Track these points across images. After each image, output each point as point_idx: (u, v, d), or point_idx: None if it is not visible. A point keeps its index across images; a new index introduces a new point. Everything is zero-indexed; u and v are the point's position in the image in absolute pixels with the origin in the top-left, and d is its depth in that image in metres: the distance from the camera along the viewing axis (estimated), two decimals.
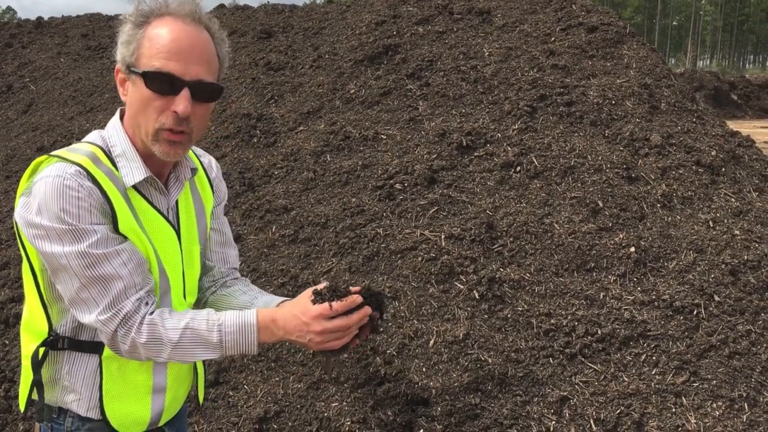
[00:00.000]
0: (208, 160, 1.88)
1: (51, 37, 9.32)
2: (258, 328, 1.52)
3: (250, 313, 1.54)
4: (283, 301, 1.69)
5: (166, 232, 1.63)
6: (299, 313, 1.49)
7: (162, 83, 1.48)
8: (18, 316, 3.95)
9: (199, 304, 1.86)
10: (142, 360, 1.57)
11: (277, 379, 3.26)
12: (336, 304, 1.49)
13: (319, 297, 1.51)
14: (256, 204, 4.36)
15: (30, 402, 1.67)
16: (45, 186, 1.43)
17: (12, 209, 5.22)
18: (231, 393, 3.24)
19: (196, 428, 3.13)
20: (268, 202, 4.32)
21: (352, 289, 1.56)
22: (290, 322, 1.50)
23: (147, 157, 1.58)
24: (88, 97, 7.17)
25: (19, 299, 4.07)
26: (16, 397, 3.43)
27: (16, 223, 1.51)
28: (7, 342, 3.82)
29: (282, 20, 7.01)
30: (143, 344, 1.50)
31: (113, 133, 1.59)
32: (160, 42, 1.48)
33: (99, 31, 8.96)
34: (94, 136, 1.61)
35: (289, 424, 3.03)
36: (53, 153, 1.53)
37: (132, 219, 1.53)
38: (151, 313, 1.51)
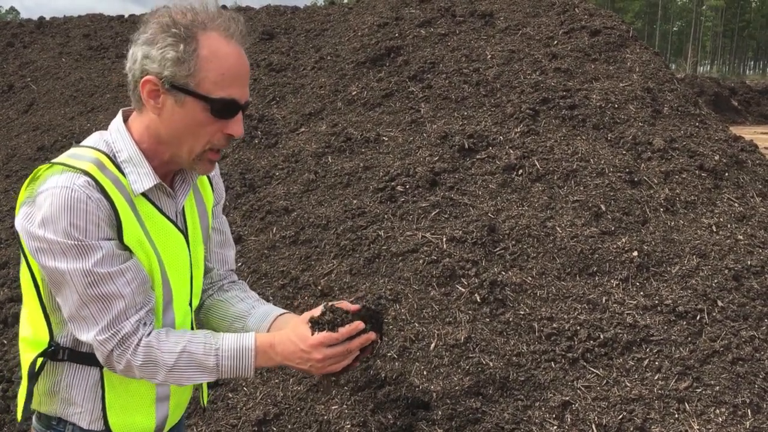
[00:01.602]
0: None
1: (53, 37, 9.31)
2: (255, 353, 1.50)
3: (248, 336, 1.51)
4: (281, 314, 1.65)
5: (175, 237, 1.59)
6: (298, 341, 1.46)
7: (228, 111, 1.47)
8: (16, 316, 3.93)
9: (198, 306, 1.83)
10: (137, 378, 1.53)
11: (276, 381, 3.24)
12: (338, 333, 1.45)
13: (317, 326, 1.46)
14: (256, 205, 4.34)
15: (26, 411, 1.63)
16: (52, 198, 1.37)
17: (12, 208, 5.21)
18: (230, 395, 3.22)
19: (195, 430, 3.11)
20: (268, 203, 4.30)
21: (351, 307, 1.51)
22: (289, 349, 1.47)
23: (157, 164, 1.53)
24: (89, 97, 7.15)
25: (18, 299, 4.05)
26: (14, 397, 3.41)
27: (18, 232, 1.46)
28: (5, 342, 3.80)
29: (284, 21, 7.01)
30: (139, 366, 1.47)
31: (117, 137, 1.52)
32: (225, 67, 1.45)
33: (101, 31, 8.95)
34: (95, 139, 1.55)
35: (289, 426, 3.00)
36: (56, 160, 1.46)
37: (138, 229, 1.49)
38: (149, 334, 1.48)
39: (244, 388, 3.24)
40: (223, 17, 1.49)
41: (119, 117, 1.57)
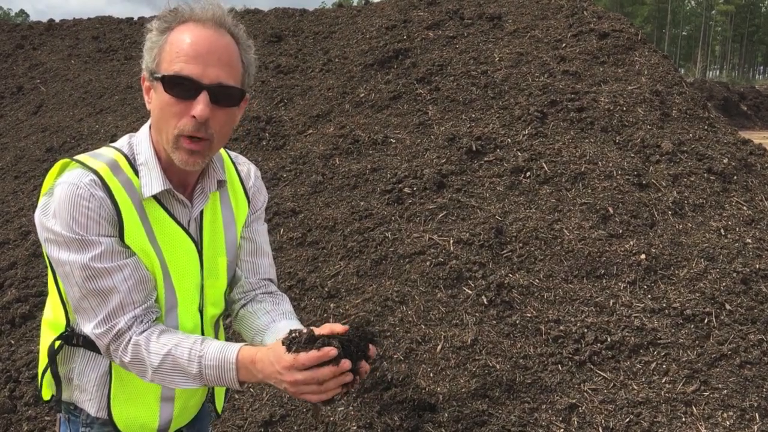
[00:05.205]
0: (247, 168, 1.82)
1: (62, 39, 9.36)
2: (237, 367, 1.47)
3: (232, 350, 1.48)
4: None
5: (184, 244, 1.60)
6: (274, 360, 1.40)
7: (180, 87, 1.45)
8: (24, 316, 3.95)
9: (232, 315, 1.82)
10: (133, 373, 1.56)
11: None
12: (303, 357, 1.34)
13: (287, 345, 1.37)
14: None
15: (51, 396, 1.69)
16: (61, 192, 1.44)
17: (20, 209, 5.23)
18: (236, 396, 3.22)
19: None
20: (276, 204, 4.31)
21: (339, 329, 1.39)
22: (267, 368, 1.42)
23: (169, 167, 1.56)
24: (98, 98, 7.19)
25: (25, 299, 4.07)
26: (21, 397, 3.43)
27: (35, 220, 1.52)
28: (12, 342, 3.82)
29: (292, 24, 7.03)
30: (128, 363, 1.50)
31: (142, 139, 1.58)
32: (180, 46, 1.46)
33: (110, 33, 8.99)
34: (124, 140, 1.60)
35: (295, 428, 3.00)
36: (77, 157, 1.53)
37: (141, 232, 1.51)
38: (141, 332, 1.49)
39: (251, 389, 3.24)
40: (205, 7, 1.50)
41: (149, 120, 1.60)
